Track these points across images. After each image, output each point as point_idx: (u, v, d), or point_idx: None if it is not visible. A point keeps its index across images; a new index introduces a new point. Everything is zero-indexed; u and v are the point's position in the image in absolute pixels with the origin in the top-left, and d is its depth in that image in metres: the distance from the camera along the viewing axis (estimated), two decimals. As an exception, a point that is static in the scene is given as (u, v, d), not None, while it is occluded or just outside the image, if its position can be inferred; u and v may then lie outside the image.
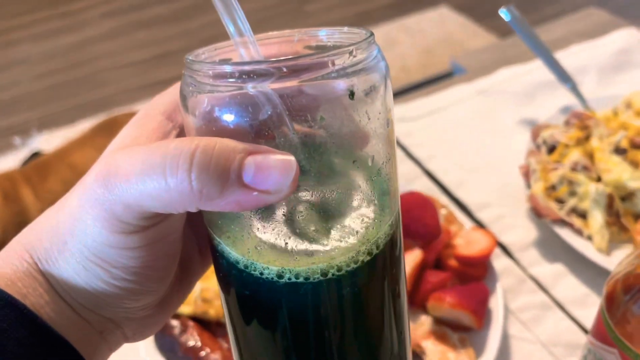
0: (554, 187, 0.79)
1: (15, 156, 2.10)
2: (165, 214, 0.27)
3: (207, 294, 0.70)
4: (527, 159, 0.84)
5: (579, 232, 0.76)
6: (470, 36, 2.70)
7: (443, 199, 0.85)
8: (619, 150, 0.80)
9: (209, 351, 0.65)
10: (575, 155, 0.81)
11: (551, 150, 0.85)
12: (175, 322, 0.67)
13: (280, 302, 0.27)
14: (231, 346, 0.32)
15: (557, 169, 0.80)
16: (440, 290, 0.66)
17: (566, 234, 0.75)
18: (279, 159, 0.24)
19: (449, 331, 0.65)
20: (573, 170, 0.79)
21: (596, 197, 0.75)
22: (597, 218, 0.75)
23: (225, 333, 0.68)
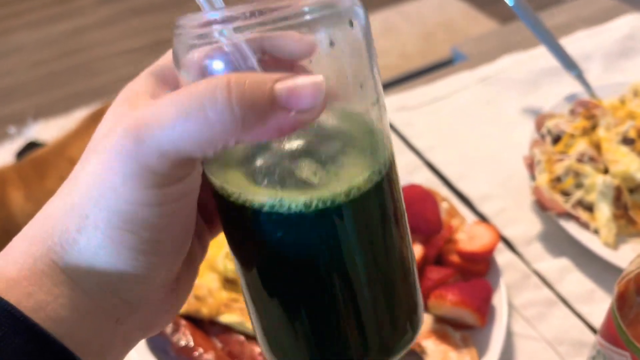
0: (559, 179, 0.77)
1: (11, 145, 2.09)
2: (194, 163, 0.28)
3: (200, 291, 0.67)
4: (531, 149, 0.82)
5: (585, 226, 0.74)
6: (471, 22, 2.67)
7: (444, 191, 0.83)
8: (627, 141, 0.78)
9: (201, 351, 0.63)
10: (581, 145, 0.79)
11: (556, 141, 0.83)
12: (167, 321, 0.65)
13: (311, 234, 0.28)
14: (256, 321, 0.32)
15: (562, 160, 0.77)
16: (441, 287, 0.63)
17: (572, 228, 0.73)
18: (307, 79, 0.25)
19: (450, 330, 0.63)
20: (579, 161, 0.77)
21: (603, 189, 0.73)
22: (604, 211, 0.73)
23: (218, 332, 0.66)
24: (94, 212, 0.27)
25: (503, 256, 0.74)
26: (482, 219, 0.79)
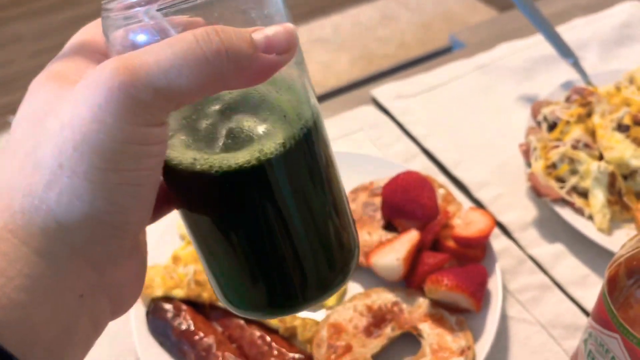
0: (554, 166, 0.77)
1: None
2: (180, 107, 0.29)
3: (200, 276, 0.68)
4: (527, 136, 0.82)
5: (579, 212, 0.74)
6: (469, 10, 2.66)
7: (441, 178, 0.83)
8: (622, 127, 0.78)
9: (202, 335, 0.64)
10: (576, 132, 0.79)
11: (552, 128, 0.83)
12: (168, 306, 0.66)
13: (244, 190, 0.31)
14: (208, 271, 0.36)
15: (557, 147, 0.78)
16: (437, 272, 0.64)
17: (567, 214, 0.74)
18: (279, 26, 0.29)
19: (446, 314, 0.64)
20: (574, 148, 0.77)
21: (598, 176, 0.74)
22: (599, 197, 0.73)
23: (218, 316, 0.67)
24: (72, 158, 0.26)
25: (499, 242, 0.74)
26: (478, 205, 0.80)
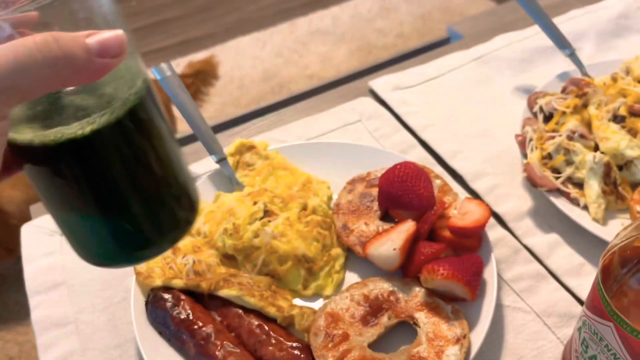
0: (550, 156, 0.78)
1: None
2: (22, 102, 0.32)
3: (199, 266, 0.69)
4: (523, 127, 0.83)
5: (575, 202, 0.75)
6: (467, 2, 2.66)
7: (438, 168, 0.84)
8: (618, 118, 0.79)
9: (201, 324, 0.64)
10: (572, 123, 0.80)
11: (548, 119, 0.84)
12: (167, 296, 0.67)
13: (85, 151, 0.36)
14: (67, 230, 0.40)
15: (553, 138, 0.78)
16: (433, 261, 0.65)
17: (562, 204, 0.74)
18: (111, 32, 0.33)
19: (442, 303, 0.65)
20: (570, 138, 0.77)
21: (593, 166, 0.74)
22: (594, 187, 0.74)
23: (217, 306, 0.67)
24: None
25: (494, 231, 0.75)
26: (474, 195, 0.81)
